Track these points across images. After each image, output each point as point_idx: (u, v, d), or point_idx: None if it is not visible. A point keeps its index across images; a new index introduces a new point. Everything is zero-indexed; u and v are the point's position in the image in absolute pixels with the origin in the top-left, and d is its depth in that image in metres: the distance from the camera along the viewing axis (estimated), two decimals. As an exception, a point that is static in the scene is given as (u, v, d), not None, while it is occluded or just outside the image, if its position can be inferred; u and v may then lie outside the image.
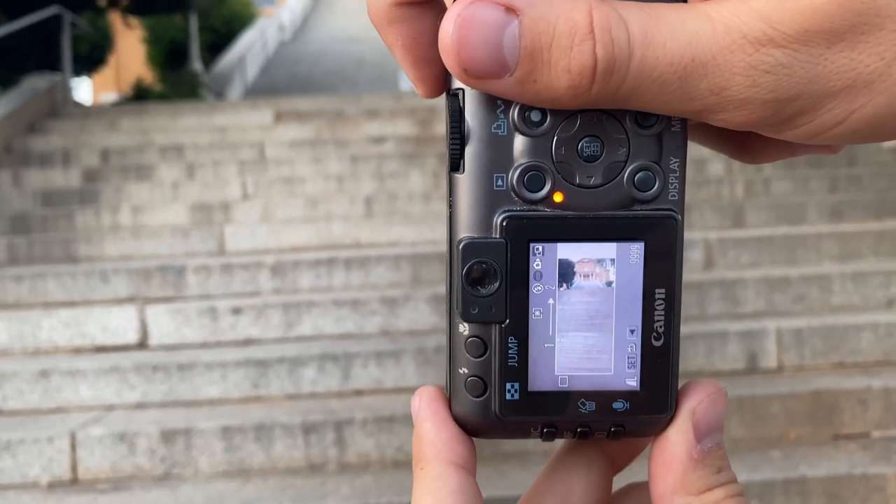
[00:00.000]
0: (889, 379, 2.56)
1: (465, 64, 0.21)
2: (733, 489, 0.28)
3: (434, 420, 0.29)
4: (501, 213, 0.27)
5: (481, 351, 0.28)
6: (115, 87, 18.39)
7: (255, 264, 3.40)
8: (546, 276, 0.27)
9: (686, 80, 0.21)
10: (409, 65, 0.26)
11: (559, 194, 0.27)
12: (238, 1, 13.90)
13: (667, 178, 0.27)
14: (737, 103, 0.21)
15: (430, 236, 4.01)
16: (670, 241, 0.27)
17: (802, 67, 0.21)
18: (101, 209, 4.37)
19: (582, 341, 0.28)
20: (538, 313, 0.28)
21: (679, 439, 0.28)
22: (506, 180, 0.27)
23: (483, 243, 0.27)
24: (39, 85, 6.22)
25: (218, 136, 5.50)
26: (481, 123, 0.26)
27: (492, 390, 0.28)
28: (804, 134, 0.22)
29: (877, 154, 4.86)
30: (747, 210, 4.05)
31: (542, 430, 0.29)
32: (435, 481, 0.28)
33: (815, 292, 3.12)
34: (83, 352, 3.03)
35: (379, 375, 2.71)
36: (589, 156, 0.26)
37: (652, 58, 0.21)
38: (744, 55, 0.21)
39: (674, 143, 0.27)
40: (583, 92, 0.22)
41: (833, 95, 0.21)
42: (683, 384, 0.29)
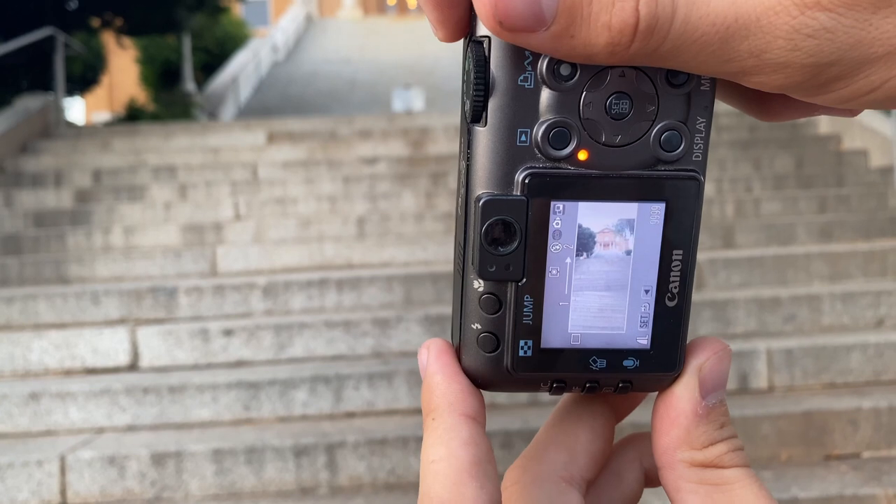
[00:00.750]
0: (879, 399, 2.57)
1: (501, 16, 0.20)
2: (734, 444, 0.29)
3: (444, 373, 0.29)
4: (524, 169, 0.26)
5: (496, 308, 0.28)
6: (109, 106, 18.42)
7: (247, 285, 3.40)
8: (565, 236, 0.27)
9: (727, 41, 0.21)
10: (431, 5, 0.24)
11: (584, 152, 0.26)
12: (231, 22, 13.98)
13: (693, 138, 0.26)
14: (775, 67, 0.21)
15: (422, 257, 4.01)
16: (691, 203, 0.27)
17: (846, 32, 0.20)
18: (93, 230, 4.36)
19: (597, 300, 0.28)
20: (555, 272, 0.27)
21: (685, 395, 0.28)
22: (529, 136, 0.26)
23: (504, 200, 0.26)
24: (32, 105, 6.22)
25: (210, 157, 5.51)
26: (507, 75, 0.25)
27: (504, 346, 0.28)
28: (835, 99, 0.22)
29: (865, 174, 4.90)
30: (737, 231, 4.07)
31: (552, 385, 0.29)
32: (447, 431, 0.28)
33: (805, 313, 3.14)
34: (74, 374, 3.02)
35: (371, 397, 2.70)
36: (617, 113, 0.26)
37: (695, 17, 0.20)
38: (788, 17, 0.20)
39: (702, 102, 0.26)
40: (621, 50, 0.21)
41: (873, 62, 0.21)
42: (690, 341, 0.30)
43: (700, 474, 0.28)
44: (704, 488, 0.28)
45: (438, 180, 5.02)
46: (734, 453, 0.28)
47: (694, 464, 0.28)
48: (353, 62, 14.25)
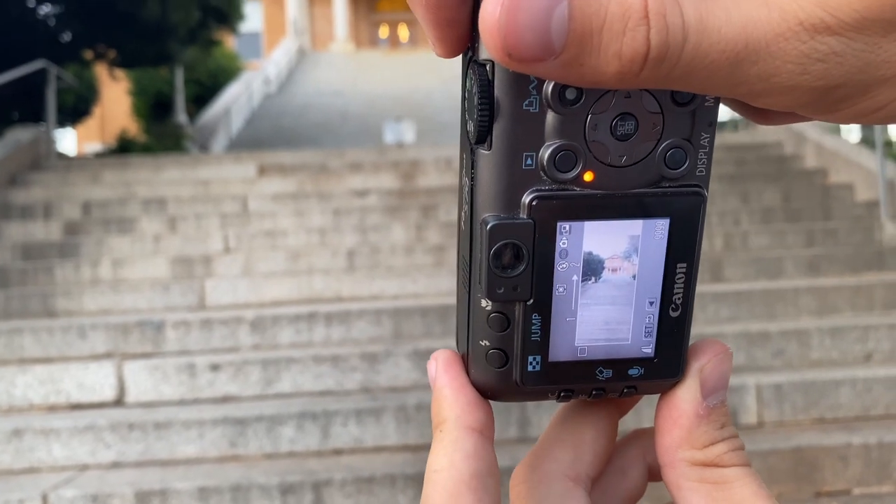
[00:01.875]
0: (869, 435, 2.56)
1: (510, 49, 0.20)
2: (735, 443, 0.29)
3: (452, 385, 0.30)
4: (530, 192, 0.26)
5: (504, 326, 0.28)
6: (100, 137, 18.45)
7: (235, 319, 3.38)
8: (571, 254, 0.27)
9: (736, 66, 0.21)
10: (431, 25, 0.24)
11: (590, 173, 0.26)
12: (224, 54, 14.08)
13: (697, 154, 0.27)
14: (783, 89, 0.21)
15: (412, 289, 4.01)
16: (695, 217, 0.27)
17: (855, 56, 0.20)
18: (82, 262, 4.34)
19: (602, 314, 0.28)
20: (562, 289, 0.28)
21: (687, 396, 0.29)
22: (535, 159, 0.26)
23: (511, 224, 0.26)
24: (23, 137, 6.23)
25: (201, 189, 5.51)
26: (512, 99, 0.25)
27: (513, 362, 0.29)
28: (841, 117, 0.23)
29: (851, 208, 4.95)
30: (726, 264, 4.09)
31: (559, 394, 0.30)
32: (452, 443, 0.28)
33: (793, 347, 3.14)
34: (58, 409, 2.98)
35: (359, 434, 2.68)
36: (622, 134, 0.26)
37: (706, 44, 0.20)
38: (798, 42, 0.20)
39: (706, 118, 0.26)
40: (631, 77, 0.21)
41: (881, 83, 0.21)
42: (692, 344, 0.30)
43: (701, 473, 0.29)
44: (705, 486, 0.29)
45: (429, 213, 5.03)
46: (734, 453, 0.29)
47: (695, 463, 0.29)
48: (345, 95, 14.35)
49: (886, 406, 2.80)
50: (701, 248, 0.28)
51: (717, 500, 0.28)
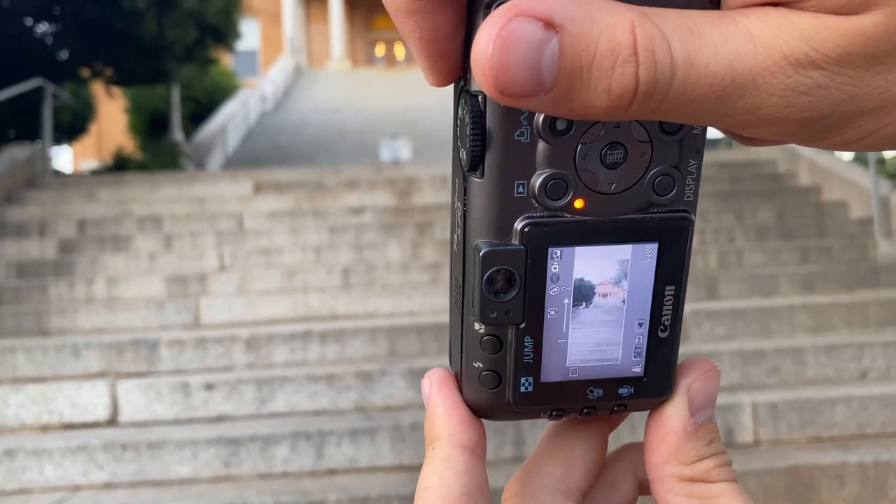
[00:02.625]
0: (865, 454, 2.56)
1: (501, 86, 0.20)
2: (722, 459, 0.30)
3: (446, 404, 0.30)
4: (522, 219, 0.26)
5: (497, 348, 0.29)
6: (96, 154, 18.46)
7: (230, 338, 3.37)
8: (563, 279, 0.28)
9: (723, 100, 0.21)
10: (424, 57, 0.24)
11: (580, 201, 0.27)
12: (221, 72, 14.13)
13: (685, 180, 0.27)
14: (769, 121, 0.21)
15: (407, 307, 4.00)
16: (683, 241, 0.28)
17: (839, 89, 0.21)
18: (76, 281, 4.33)
19: (593, 335, 0.29)
20: (553, 313, 0.28)
21: (675, 414, 0.30)
22: (527, 187, 0.26)
23: (503, 251, 0.27)
24: (18, 155, 6.23)
25: (196, 207, 5.51)
26: (503, 130, 0.25)
27: (506, 383, 0.29)
28: (826, 145, 0.23)
29: (845, 225, 4.97)
30: (721, 281, 4.10)
31: (551, 413, 0.30)
32: (443, 461, 0.29)
33: (788, 365, 3.14)
34: (51, 429, 2.96)
35: (353, 454, 2.66)
36: (612, 163, 0.26)
37: (693, 79, 0.20)
38: (783, 76, 0.20)
39: (694, 146, 0.27)
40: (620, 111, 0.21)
41: (864, 114, 0.21)
42: (680, 362, 0.31)
43: (688, 488, 0.29)
44: (692, 501, 0.29)
45: (424, 230, 5.04)
46: (721, 468, 0.29)
47: (683, 478, 0.29)
48: (341, 112, 14.41)
49: (882, 424, 2.80)
50: (689, 270, 0.29)
51: None
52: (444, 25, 0.23)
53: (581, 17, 0.20)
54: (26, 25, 8.51)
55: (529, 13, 0.20)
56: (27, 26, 8.53)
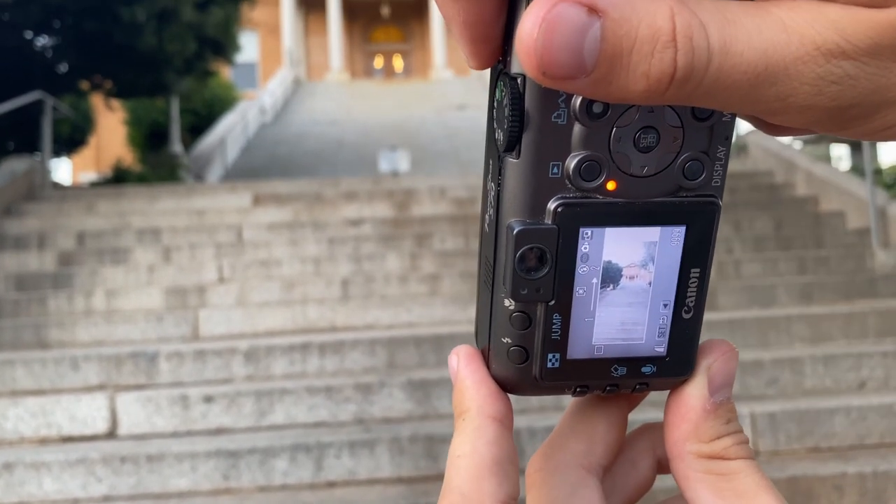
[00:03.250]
0: (864, 464, 2.56)
1: (545, 67, 0.21)
2: (739, 438, 0.31)
3: (474, 378, 0.31)
4: (555, 199, 0.27)
5: (526, 325, 0.30)
6: (95, 166, 18.49)
7: (229, 350, 3.37)
8: (592, 259, 0.28)
9: (756, 88, 0.22)
10: (467, 40, 0.25)
11: (612, 183, 0.27)
12: (220, 84, 14.18)
13: (713, 166, 0.28)
14: (799, 109, 0.22)
15: (406, 319, 4.01)
16: (709, 225, 0.29)
17: (868, 79, 0.21)
18: (75, 293, 4.33)
19: (619, 315, 0.30)
20: (582, 291, 0.29)
21: (695, 393, 0.31)
22: (561, 168, 0.27)
23: (536, 230, 0.27)
24: (17, 168, 6.24)
25: (195, 219, 5.52)
26: (541, 112, 0.26)
27: (533, 358, 0.30)
28: (852, 133, 0.24)
29: (843, 236, 4.98)
30: (719, 293, 4.11)
31: (576, 389, 0.31)
32: (475, 431, 0.30)
33: (787, 375, 3.14)
34: (49, 442, 2.96)
35: (352, 466, 2.66)
36: (645, 147, 0.27)
37: (728, 66, 0.21)
38: (815, 66, 0.21)
39: (724, 133, 0.28)
40: (657, 95, 0.22)
41: (890, 104, 0.22)
42: (701, 344, 0.32)
43: (707, 465, 0.30)
44: (711, 477, 0.30)
45: (423, 242, 5.04)
46: (739, 446, 0.30)
47: (701, 455, 0.30)
48: (340, 124, 14.45)
49: (881, 434, 2.80)
50: (714, 253, 0.30)
51: (721, 491, 0.30)
52: (486, 10, 0.24)
53: (623, 4, 0.21)
54: (26, 38, 8.54)
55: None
56: (27, 39, 8.57)
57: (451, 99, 16.89)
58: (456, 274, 4.43)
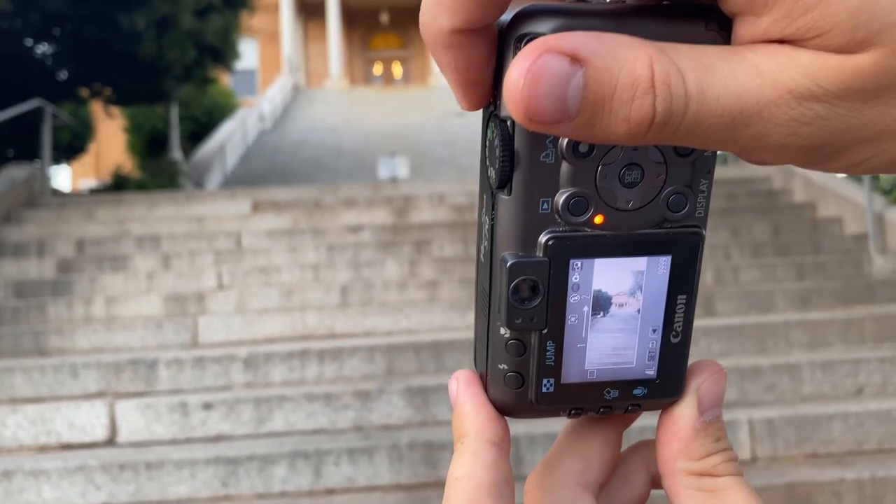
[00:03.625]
0: (862, 470, 2.56)
1: (531, 114, 0.22)
2: (728, 455, 0.32)
3: (473, 403, 0.32)
4: (546, 233, 0.29)
5: (521, 352, 0.31)
6: (95, 173, 18.51)
7: (228, 357, 3.38)
8: (583, 288, 0.30)
9: (732, 129, 0.23)
10: (459, 85, 0.26)
11: (600, 217, 0.29)
12: (219, 91, 14.20)
13: (696, 198, 0.29)
14: (774, 148, 0.23)
15: (405, 325, 4.01)
16: (694, 254, 0.30)
17: (839, 119, 0.22)
18: (74, 300, 4.34)
19: (610, 340, 0.31)
20: (574, 319, 0.30)
21: (685, 413, 0.32)
22: (551, 204, 0.28)
23: (528, 262, 0.29)
24: (17, 175, 6.25)
25: (195, 226, 5.53)
26: (530, 152, 0.27)
27: (529, 384, 0.31)
28: (826, 168, 0.25)
29: (840, 241, 4.99)
30: (717, 298, 4.11)
31: (570, 412, 0.33)
32: (472, 454, 0.31)
33: (785, 381, 3.15)
34: (49, 450, 2.96)
35: (351, 473, 2.66)
36: (629, 182, 0.28)
37: (705, 110, 0.22)
38: (787, 108, 0.22)
39: (705, 166, 0.29)
40: (638, 137, 0.23)
41: (861, 143, 0.23)
42: (690, 365, 0.33)
43: (697, 482, 0.31)
44: (701, 494, 0.31)
45: (422, 248, 5.05)
46: (728, 463, 0.32)
47: (692, 473, 0.31)
48: (339, 131, 14.47)
49: (879, 440, 2.81)
50: (699, 280, 0.31)
51: None
52: (477, 58, 0.25)
53: (604, 53, 0.22)
54: (26, 46, 8.56)
55: (557, 49, 0.22)
56: (27, 47, 8.59)
57: (451, 105, 16.92)
58: (455, 280, 4.44)
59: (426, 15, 0.24)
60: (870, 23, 0.21)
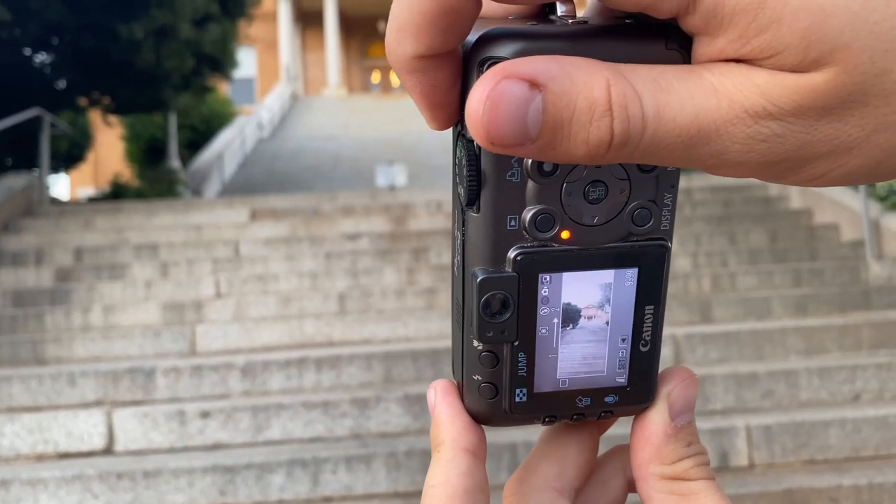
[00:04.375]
0: (859, 476, 2.57)
1: (492, 138, 0.22)
2: (700, 459, 0.32)
3: (449, 412, 0.33)
4: (514, 249, 0.29)
5: (494, 363, 0.32)
6: (94, 181, 18.52)
7: (226, 365, 3.38)
8: (552, 301, 0.30)
9: (690, 148, 0.23)
10: (425, 107, 0.27)
11: (566, 232, 0.29)
12: (218, 100, 14.22)
13: (661, 211, 0.30)
14: (732, 165, 0.24)
15: (403, 333, 4.02)
16: (660, 265, 0.31)
17: (794, 136, 0.23)
18: (72, 309, 4.34)
19: (581, 351, 0.32)
20: (544, 331, 0.31)
21: (656, 418, 0.33)
22: (518, 221, 0.29)
23: (497, 278, 0.30)
24: (15, 184, 6.26)
25: (193, 235, 5.54)
26: (496, 171, 0.28)
27: (502, 394, 0.32)
28: (786, 182, 0.26)
29: (837, 248, 5.00)
30: (714, 305, 4.12)
31: (544, 419, 0.33)
32: (448, 462, 0.32)
33: (782, 388, 3.15)
34: (46, 459, 2.96)
35: (349, 481, 2.66)
36: (594, 199, 0.29)
37: (663, 130, 0.23)
38: (744, 126, 0.23)
39: (668, 181, 0.30)
40: (598, 158, 0.23)
41: (817, 158, 0.24)
42: (662, 371, 0.34)
43: (669, 486, 0.32)
44: (673, 498, 0.32)
45: (420, 256, 5.06)
46: (699, 467, 0.32)
47: (664, 477, 0.32)
48: (337, 138, 14.49)
49: (876, 447, 2.81)
50: (667, 291, 0.32)
51: None
52: (442, 81, 0.26)
53: (562, 77, 0.22)
54: (25, 55, 8.58)
55: (516, 74, 0.22)
56: (26, 56, 8.61)
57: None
58: (452, 288, 4.44)
59: (391, 41, 0.25)
60: (821, 43, 0.22)
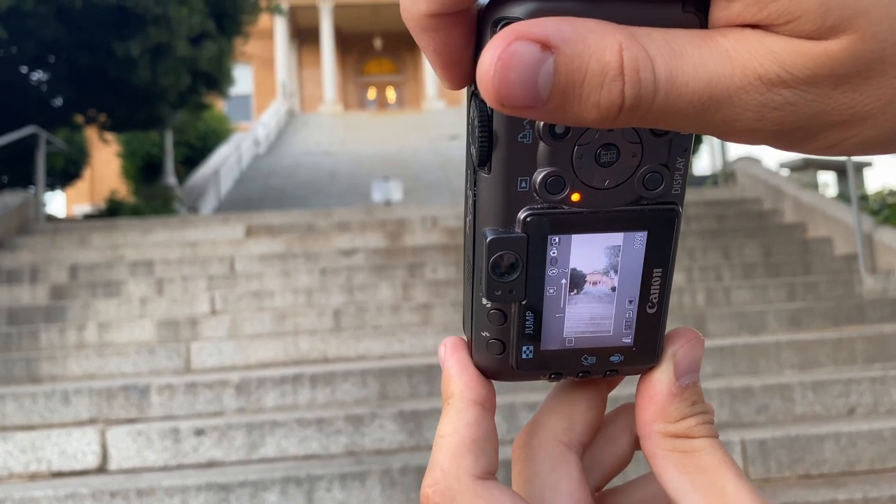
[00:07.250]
0: (854, 491, 2.56)
1: (503, 99, 0.22)
2: (704, 418, 0.33)
3: (458, 367, 0.34)
4: (524, 210, 0.29)
5: (502, 321, 0.32)
6: (90, 198, 18.52)
7: (220, 383, 3.37)
8: (560, 262, 0.31)
9: (702, 114, 0.23)
10: (439, 66, 0.27)
11: (577, 194, 0.29)
12: (214, 116, 14.26)
13: (673, 176, 0.30)
14: (744, 132, 0.24)
15: (398, 349, 4.01)
16: (669, 229, 0.31)
17: (807, 105, 0.23)
18: (67, 327, 4.33)
19: (588, 311, 0.32)
20: (552, 291, 0.31)
21: (661, 378, 0.33)
22: (529, 182, 0.29)
23: (507, 238, 0.30)
24: (11, 202, 6.26)
25: (188, 251, 5.54)
26: (508, 132, 0.28)
27: (510, 350, 0.33)
28: (798, 150, 0.26)
29: (830, 262, 5.02)
30: (709, 319, 4.13)
31: (550, 376, 0.34)
32: (457, 413, 0.33)
33: (777, 402, 3.15)
34: (39, 478, 2.94)
35: (343, 499, 2.65)
36: (605, 162, 0.29)
37: (675, 95, 0.22)
38: (757, 94, 0.22)
39: (681, 145, 0.29)
40: (609, 121, 0.23)
41: (831, 127, 0.23)
42: (668, 332, 0.34)
43: (673, 443, 0.33)
44: (676, 455, 0.32)
45: (415, 271, 5.06)
46: (703, 426, 0.33)
47: (668, 434, 0.33)
48: (333, 154, 14.53)
49: (871, 461, 2.81)
50: (676, 255, 0.32)
51: (685, 467, 0.32)
52: (455, 40, 0.26)
53: (574, 40, 0.22)
54: (21, 73, 8.61)
55: (528, 36, 0.22)
56: (22, 74, 8.63)
57: (444, 129, 17.01)
58: (448, 303, 4.45)
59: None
60: (840, 9, 0.22)
